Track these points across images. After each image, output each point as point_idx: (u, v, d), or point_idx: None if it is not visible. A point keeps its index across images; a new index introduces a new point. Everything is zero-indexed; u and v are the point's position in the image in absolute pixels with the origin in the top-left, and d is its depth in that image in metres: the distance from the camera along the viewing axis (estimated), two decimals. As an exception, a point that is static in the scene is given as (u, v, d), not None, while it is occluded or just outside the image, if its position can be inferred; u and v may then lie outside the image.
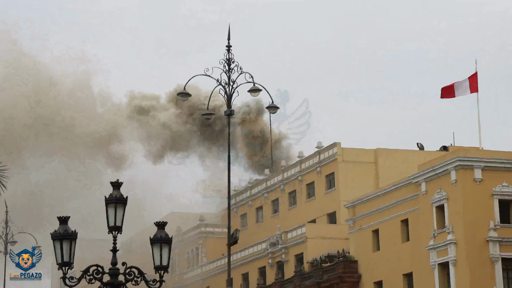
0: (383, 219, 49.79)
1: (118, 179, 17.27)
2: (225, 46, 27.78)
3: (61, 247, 16.58)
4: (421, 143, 61.64)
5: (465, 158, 44.68)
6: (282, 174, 64.90)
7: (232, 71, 27.45)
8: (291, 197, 64.16)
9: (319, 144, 60.95)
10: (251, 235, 65.69)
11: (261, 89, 28.20)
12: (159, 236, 17.21)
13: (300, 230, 57.36)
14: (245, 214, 69.79)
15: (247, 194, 69.31)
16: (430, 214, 45.85)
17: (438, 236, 45.31)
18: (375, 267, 50.35)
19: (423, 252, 46.27)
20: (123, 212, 17.12)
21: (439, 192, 45.36)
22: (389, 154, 59.09)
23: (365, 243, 51.24)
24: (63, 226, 16.70)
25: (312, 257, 55.47)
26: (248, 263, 62.66)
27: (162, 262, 17.14)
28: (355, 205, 52.05)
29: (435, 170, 45.70)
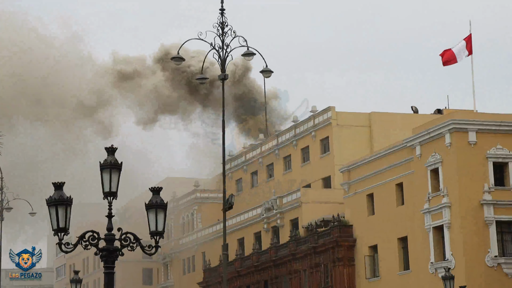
0: (378, 183, 49.86)
1: (113, 145, 17.16)
2: (219, 9, 27.53)
3: (57, 213, 16.52)
4: (415, 107, 61.57)
5: (459, 121, 44.64)
6: (277, 139, 64.85)
7: (225, 35, 27.23)
8: (286, 162, 64.19)
9: (314, 108, 60.83)
10: (247, 200, 65.84)
11: (255, 53, 28.01)
12: (154, 202, 17.15)
13: (295, 194, 57.48)
14: (240, 179, 69.86)
15: (242, 159, 69.32)
16: (425, 178, 45.93)
17: (432, 199, 45.44)
18: (370, 231, 50.55)
19: (417, 216, 46.43)
20: (118, 177, 17.04)
21: (434, 155, 45.39)
22: (383, 117, 59.02)
23: (360, 207, 51.38)
24: (58, 192, 16.61)
25: (307, 221, 55.65)
26: (244, 228, 62.87)
27: (158, 227, 17.10)
28: (350, 169, 52.10)
29: (429, 134, 45.67)
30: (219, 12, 27.48)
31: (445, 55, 48.08)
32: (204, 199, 71.94)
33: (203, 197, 72.02)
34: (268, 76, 28.89)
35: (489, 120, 45.00)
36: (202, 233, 70.02)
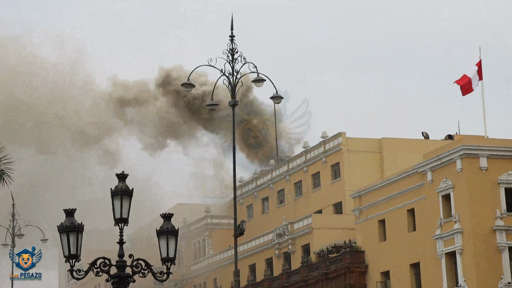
0: (389, 208, 49.71)
1: (124, 171, 17.22)
2: (229, 36, 27.70)
3: (68, 239, 16.55)
4: (426, 132, 61.55)
5: (470, 146, 44.56)
6: (288, 165, 64.84)
7: (235, 61, 27.36)
8: (297, 188, 64.12)
9: (324, 134, 60.88)
10: (258, 226, 65.71)
11: (265, 79, 28.11)
12: (165, 228, 17.17)
13: (306, 220, 57.34)
14: (251, 205, 69.79)
15: (252, 185, 69.29)
16: (436, 203, 45.77)
17: (444, 225, 45.24)
18: (382, 257, 50.32)
19: (429, 242, 46.22)
20: (129, 204, 17.08)
21: (445, 181, 45.26)
22: (394, 143, 58.99)
23: (372, 233, 51.19)
24: (69, 219, 16.66)
25: (318, 247, 55.46)
26: (255, 254, 62.69)
27: (169, 254, 17.10)
28: (361, 195, 51.99)
29: (440, 159, 45.59)
30: (229, 39, 27.65)
31: (462, 82, 48.11)
32: (215, 225, 71.85)
33: (214, 223, 71.94)
34: (278, 102, 28.96)
35: (500, 145, 44.90)
36: (213, 259, 69.85)
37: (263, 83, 28.14)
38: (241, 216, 60.76)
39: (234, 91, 27.12)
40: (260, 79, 28.00)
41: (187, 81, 28.55)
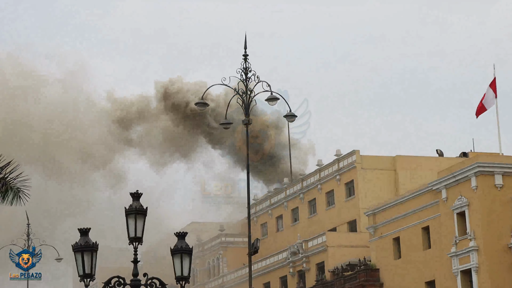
0: (403, 226, 49.54)
1: (138, 190, 17.29)
2: (242, 55, 27.80)
3: (82, 259, 16.61)
4: (440, 150, 61.40)
5: (485, 164, 44.40)
6: (302, 183, 64.79)
7: (249, 80, 27.45)
8: (311, 206, 64.01)
9: (338, 152, 60.84)
10: (272, 244, 65.57)
11: (278, 98, 28.17)
12: (179, 247, 17.20)
13: (321, 238, 57.21)
14: (265, 223, 69.70)
15: (267, 203, 69.24)
16: (451, 221, 45.58)
17: (459, 243, 45.02)
18: (397, 275, 50.08)
19: (445, 259, 45.98)
20: (143, 223, 17.13)
21: (460, 198, 45.09)
22: (408, 161, 58.88)
23: (386, 251, 50.99)
24: (84, 238, 16.73)
25: (333, 265, 55.29)
26: (269, 273, 62.54)
27: (183, 272, 17.12)
28: (376, 213, 51.85)
29: (455, 177, 45.44)
30: (243, 58, 27.75)
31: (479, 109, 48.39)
32: (230, 244, 71.75)
33: (228, 241, 71.84)
34: (292, 120, 28.99)
35: (515, 162, 44.72)
36: (227, 278, 69.72)
37: (277, 101, 28.21)
38: (255, 234, 60.68)
39: (248, 109, 27.18)
40: (274, 98, 28.06)
41: (200, 99, 28.63)
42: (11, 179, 20.69)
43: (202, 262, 73.96)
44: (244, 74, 27.57)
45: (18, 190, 20.79)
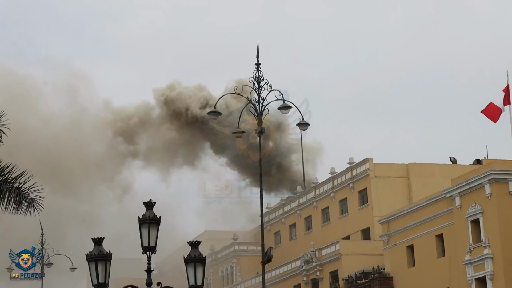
0: (417, 234, 49.37)
1: (151, 199, 17.32)
2: (254, 64, 27.84)
3: (96, 268, 16.64)
4: (454, 157, 61.17)
5: (499, 171, 44.21)
6: (315, 191, 64.72)
7: (261, 89, 27.48)
8: (324, 214, 63.92)
9: (351, 160, 60.74)
10: (285, 252, 65.47)
11: (291, 106, 28.19)
12: (193, 256, 17.21)
13: (334, 247, 57.09)
14: (278, 231, 69.63)
15: (280, 211, 69.19)
16: (466, 229, 45.39)
17: (474, 250, 44.81)
18: (411, 283, 49.89)
19: (459, 267, 45.78)
20: (157, 232, 17.15)
21: (474, 206, 44.91)
22: (421, 168, 58.71)
23: (400, 259, 50.82)
24: (98, 247, 16.77)
25: (347, 273, 55.14)
26: (283, 281, 62.43)
27: (197, 281, 17.13)
28: (389, 221, 51.71)
29: (469, 184, 45.27)
30: (255, 67, 27.80)
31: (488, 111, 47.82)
32: (243, 252, 71.71)
33: (242, 250, 71.80)
34: (304, 129, 29.00)
35: (529, 169, 44.49)
36: (241, 286, 69.64)
37: (289, 110, 28.23)
38: (268, 243, 60.62)
39: (261, 118, 27.20)
40: (287, 106, 28.08)
41: (214, 109, 28.65)
42: (25, 189, 20.80)
43: (216, 271, 73.92)
44: (256, 83, 27.61)
45: (32, 200, 20.89)
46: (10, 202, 20.71)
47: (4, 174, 20.64)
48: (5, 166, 20.69)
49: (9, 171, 20.68)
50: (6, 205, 20.71)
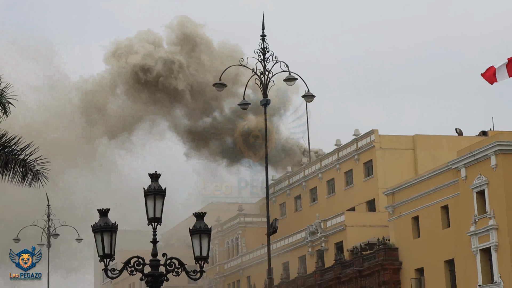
0: (422, 205, 49.45)
1: (156, 171, 17.34)
2: (260, 35, 27.73)
3: (102, 239, 16.72)
4: (459, 129, 61.06)
5: (504, 142, 44.14)
6: (320, 163, 64.74)
7: (267, 61, 27.38)
8: (330, 185, 63.99)
9: (356, 131, 60.68)
10: (290, 224, 65.68)
11: (297, 78, 28.11)
12: (198, 227, 17.27)
13: (339, 218, 57.23)
14: (283, 203, 69.79)
15: (285, 183, 69.29)
16: (471, 200, 45.43)
17: (479, 221, 44.90)
18: (416, 254, 50.06)
19: (464, 238, 45.89)
20: (162, 203, 17.20)
21: (479, 177, 44.91)
22: (427, 140, 58.61)
23: (405, 230, 50.95)
24: (103, 219, 16.83)
25: (352, 245, 55.34)
26: (288, 252, 62.70)
27: (202, 252, 17.19)
28: (394, 192, 51.77)
29: (474, 156, 45.24)
30: (260, 38, 27.68)
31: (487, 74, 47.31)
32: (248, 224, 71.94)
33: (247, 221, 72.03)
34: (310, 100, 28.92)
35: (535, 140, 44.40)
36: (246, 258, 69.98)
37: (295, 81, 28.16)
38: (274, 214, 60.78)
39: (266, 90, 27.15)
40: (292, 78, 28.01)
41: (219, 80, 28.57)
42: (31, 161, 20.87)
43: (221, 242, 74.25)
44: (262, 55, 27.51)
45: (37, 172, 20.96)
46: (16, 174, 20.81)
47: (10, 146, 20.71)
48: (11, 138, 20.76)
49: (15, 143, 20.75)
50: (11, 177, 20.81)
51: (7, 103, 20.54)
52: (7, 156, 20.58)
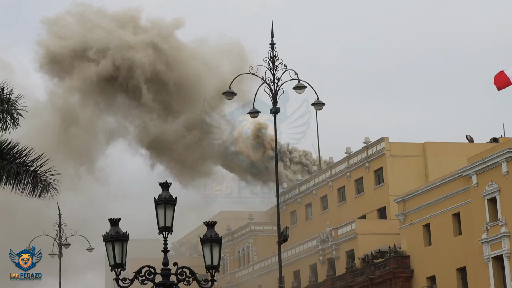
0: (434, 213, 49.29)
1: (166, 180, 17.37)
2: (269, 44, 27.76)
3: (113, 248, 16.73)
4: (470, 136, 60.89)
5: (516, 149, 43.97)
6: (330, 171, 64.68)
7: (276, 69, 27.40)
8: (340, 193, 63.90)
9: (367, 139, 60.60)
10: (301, 232, 65.58)
11: (306, 86, 28.11)
12: (209, 236, 17.26)
13: (350, 226, 57.12)
14: (294, 211, 69.72)
15: (295, 191, 69.23)
16: (482, 207, 45.26)
17: (491, 229, 44.71)
18: (428, 262, 49.89)
19: (476, 246, 45.70)
20: (173, 212, 17.21)
21: (491, 184, 44.75)
22: (437, 147, 58.48)
23: (417, 237, 50.79)
24: (114, 228, 16.85)
25: (363, 253, 55.19)
26: (299, 261, 62.59)
27: (213, 261, 17.19)
28: (405, 200, 51.64)
29: (485, 163, 45.09)
30: (270, 47, 27.71)
31: (498, 79, 47.18)
32: (259, 232, 71.90)
33: (258, 230, 71.98)
34: (319, 108, 28.89)
35: (546, 147, 44.21)
36: (258, 266, 69.89)
37: (304, 89, 28.15)
38: (284, 223, 60.71)
39: (275, 98, 27.16)
40: (302, 86, 28.01)
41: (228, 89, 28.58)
42: (41, 172, 20.88)
43: (232, 251, 74.21)
44: (271, 63, 27.52)
45: (48, 183, 20.97)
46: (27, 185, 20.81)
47: (21, 157, 20.74)
48: (22, 149, 20.80)
49: (26, 154, 20.78)
50: (22, 188, 20.82)
51: (17, 114, 20.60)
52: (18, 167, 20.62)
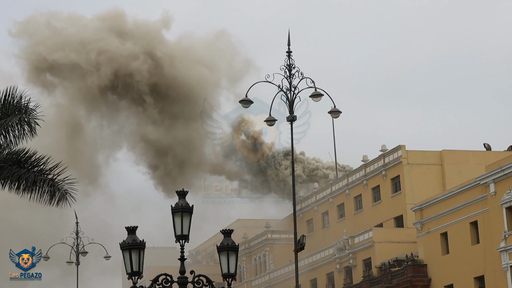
0: (451, 221, 49.04)
1: (183, 188, 17.39)
2: (286, 52, 27.77)
3: (130, 256, 16.76)
4: (488, 144, 60.61)
5: (534, 157, 43.72)
6: (347, 179, 64.53)
7: (293, 77, 27.41)
8: (357, 201, 63.74)
9: (383, 147, 60.45)
10: (318, 240, 65.43)
11: (323, 94, 28.10)
12: (225, 244, 17.26)
13: (367, 234, 56.94)
14: (311, 219, 69.59)
15: (312, 199, 69.12)
16: (500, 215, 44.99)
17: (509, 237, 44.42)
18: (445, 271, 49.61)
19: (494, 254, 45.41)
20: (190, 220, 17.23)
21: (509, 192, 44.48)
22: (455, 155, 58.24)
23: (434, 246, 50.54)
24: (131, 236, 16.89)
25: (380, 261, 54.98)
26: (316, 269, 62.44)
27: (230, 269, 17.18)
28: (423, 208, 51.43)
29: (503, 171, 44.84)
30: (286, 55, 27.73)
31: None
32: (276, 240, 71.81)
33: (275, 238, 71.89)
34: (336, 116, 28.86)
35: None
36: (274, 274, 69.77)
37: (321, 98, 28.13)
38: (301, 231, 60.62)
39: (292, 106, 27.16)
40: (318, 94, 27.99)
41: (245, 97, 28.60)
42: (59, 180, 20.97)
43: (249, 259, 74.13)
44: (288, 71, 27.53)
45: (65, 192, 21.05)
46: (44, 194, 20.90)
47: (39, 165, 20.85)
48: (40, 157, 20.90)
49: (43, 162, 20.88)
50: (40, 196, 20.91)
51: (34, 123, 20.73)
52: (35, 175, 20.72)
